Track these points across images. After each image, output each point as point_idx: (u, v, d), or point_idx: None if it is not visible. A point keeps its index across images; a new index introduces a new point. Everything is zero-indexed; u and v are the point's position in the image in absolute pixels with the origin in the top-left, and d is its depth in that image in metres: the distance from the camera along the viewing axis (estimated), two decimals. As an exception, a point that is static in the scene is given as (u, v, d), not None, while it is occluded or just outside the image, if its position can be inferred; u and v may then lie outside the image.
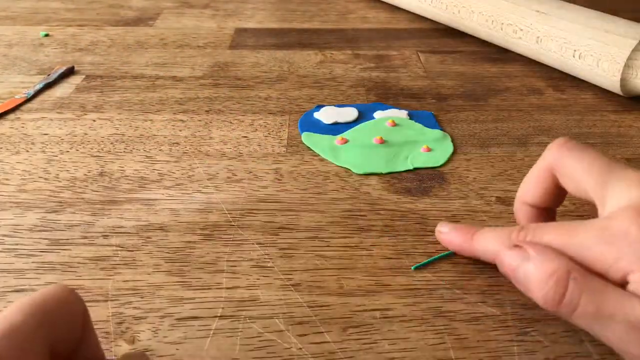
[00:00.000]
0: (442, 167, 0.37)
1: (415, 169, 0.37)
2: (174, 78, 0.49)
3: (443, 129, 0.42)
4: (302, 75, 0.50)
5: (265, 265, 0.29)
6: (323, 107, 0.44)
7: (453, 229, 0.29)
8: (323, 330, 0.26)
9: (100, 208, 0.33)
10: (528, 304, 0.27)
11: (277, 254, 0.30)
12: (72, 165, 0.37)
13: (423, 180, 0.36)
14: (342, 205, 0.34)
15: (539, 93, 0.48)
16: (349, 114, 0.43)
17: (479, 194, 0.35)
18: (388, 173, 0.37)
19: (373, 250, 0.30)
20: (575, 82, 0.49)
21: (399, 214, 0.33)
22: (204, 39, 0.58)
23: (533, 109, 0.45)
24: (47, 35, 0.58)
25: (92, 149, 0.39)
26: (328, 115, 0.43)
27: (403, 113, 0.43)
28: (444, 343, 0.25)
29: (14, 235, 0.31)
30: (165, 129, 0.41)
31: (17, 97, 0.45)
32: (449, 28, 0.60)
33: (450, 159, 0.38)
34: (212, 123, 0.42)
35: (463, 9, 0.55)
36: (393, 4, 0.66)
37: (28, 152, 0.38)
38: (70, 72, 0.50)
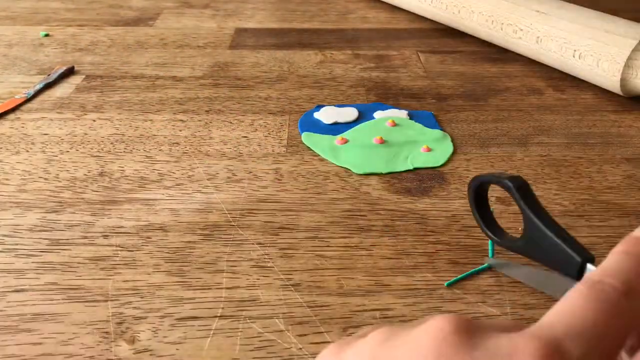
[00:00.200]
0: (442, 167, 0.37)
1: (415, 169, 0.37)
2: (174, 78, 0.49)
3: (443, 129, 0.42)
4: (302, 75, 0.50)
5: (265, 265, 0.29)
6: (323, 107, 0.44)
7: None
8: (323, 330, 0.26)
9: (100, 208, 0.33)
10: (528, 304, 0.27)
11: (277, 254, 0.30)
12: (72, 165, 0.37)
13: (423, 180, 0.36)
14: (342, 205, 0.34)
15: (539, 93, 0.48)
16: (349, 114, 0.43)
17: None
18: (388, 173, 0.37)
19: (373, 250, 0.30)
20: (575, 82, 0.49)
21: (399, 214, 0.33)
22: (204, 39, 0.58)
23: (533, 109, 0.45)
24: (47, 35, 0.58)
25: (92, 149, 0.39)
26: (328, 115, 0.43)
27: (403, 113, 0.43)
28: (444, 343, 0.25)
29: (14, 235, 0.31)
30: (165, 129, 0.41)
31: (17, 97, 0.45)
32: (449, 28, 0.60)
33: (450, 159, 0.38)
34: (212, 123, 0.42)
35: (463, 9, 0.55)
36: (393, 4, 0.66)
37: (28, 152, 0.38)
38: (70, 72, 0.50)
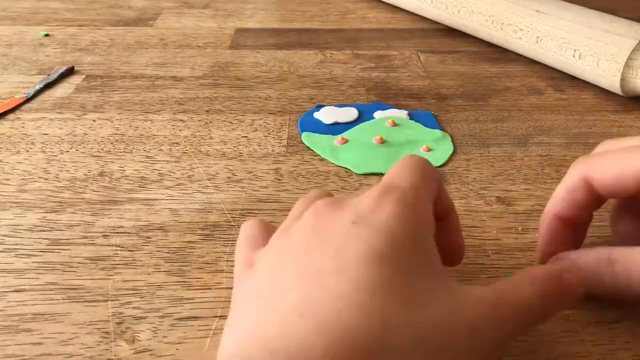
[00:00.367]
0: (442, 167, 0.37)
1: (415, 169, 0.37)
2: (174, 78, 0.49)
3: (443, 129, 0.42)
4: (302, 75, 0.50)
5: (265, 265, 0.29)
6: (323, 107, 0.44)
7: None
8: (323, 330, 0.26)
9: (100, 208, 0.33)
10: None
11: (277, 254, 0.30)
12: (72, 165, 0.37)
13: (423, 180, 0.36)
14: (342, 205, 0.34)
15: (539, 93, 0.48)
16: (349, 114, 0.43)
17: (479, 194, 0.35)
18: (388, 173, 0.37)
19: (373, 250, 0.30)
20: (575, 82, 0.49)
21: (399, 214, 0.33)
22: (204, 39, 0.58)
23: (533, 109, 0.45)
24: (47, 35, 0.58)
25: (92, 149, 0.39)
26: (328, 115, 0.43)
27: (403, 113, 0.43)
28: (444, 343, 0.25)
29: (14, 235, 0.31)
30: (165, 129, 0.41)
31: (17, 97, 0.45)
32: (449, 28, 0.60)
33: (450, 159, 0.38)
34: (212, 123, 0.42)
35: (463, 9, 0.55)
36: (393, 4, 0.66)
37: (28, 152, 0.38)
38: (70, 72, 0.50)
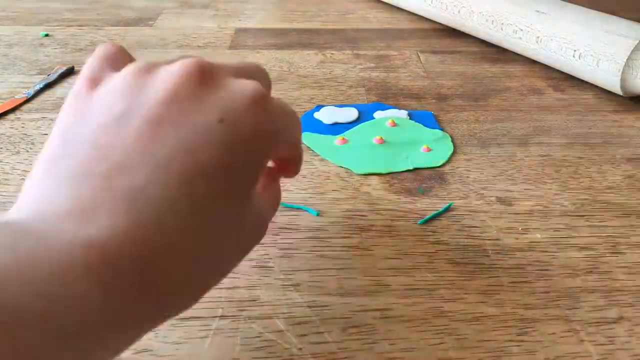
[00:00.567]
0: (442, 167, 0.37)
1: (415, 169, 0.37)
2: (174, 78, 0.49)
3: (443, 129, 0.42)
4: (302, 75, 0.50)
5: (266, 265, 0.29)
6: (323, 107, 0.44)
7: None
8: (323, 330, 0.26)
9: (100, 208, 0.33)
10: (528, 304, 0.27)
11: (277, 254, 0.30)
12: (72, 165, 0.37)
13: (423, 180, 0.36)
14: (342, 205, 0.34)
15: (539, 93, 0.48)
16: (349, 114, 0.43)
17: (479, 194, 0.35)
18: (388, 173, 0.37)
19: (373, 250, 0.30)
20: (575, 82, 0.49)
21: (399, 214, 0.33)
22: (204, 39, 0.58)
23: (533, 109, 0.45)
24: (47, 35, 0.58)
25: (92, 149, 0.39)
26: (328, 116, 0.43)
27: (403, 113, 0.43)
28: (444, 343, 0.25)
29: (14, 235, 0.31)
30: (165, 129, 0.41)
31: (17, 97, 0.45)
32: (449, 28, 0.60)
33: (450, 159, 0.38)
34: (212, 123, 0.42)
35: (463, 9, 0.55)
36: (393, 4, 0.66)
37: (28, 152, 0.38)
38: (70, 72, 0.50)
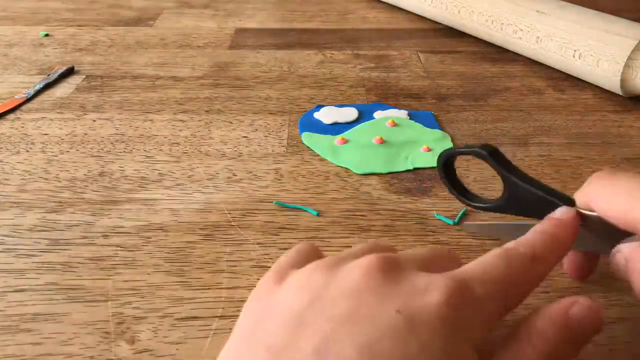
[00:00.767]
0: (442, 167, 0.37)
1: (415, 169, 0.37)
2: (174, 78, 0.49)
3: (443, 129, 0.42)
4: (302, 75, 0.50)
5: (266, 265, 0.29)
6: (323, 107, 0.44)
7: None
8: (323, 330, 0.26)
9: (100, 208, 0.33)
10: (528, 304, 0.27)
11: (277, 254, 0.30)
12: (72, 165, 0.37)
13: (423, 180, 0.36)
14: (342, 205, 0.34)
15: (539, 93, 0.48)
16: (349, 114, 0.43)
17: (479, 194, 0.35)
18: (388, 173, 0.37)
19: (373, 250, 0.30)
20: (575, 82, 0.49)
21: (399, 214, 0.33)
22: (204, 39, 0.58)
23: (533, 109, 0.45)
24: (47, 35, 0.58)
25: (92, 149, 0.39)
26: (328, 115, 0.43)
27: (403, 113, 0.43)
28: (444, 343, 0.25)
29: (14, 235, 0.31)
30: (165, 129, 0.41)
31: (17, 97, 0.45)
32: (449, 28, 0.60)
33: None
34: (212, 123, 0.42)
35: (463, 9, 0.55)
36: (393, 4, 0.66)
37: (28, 152, 0.38)
38: (70, 72, 0.50)
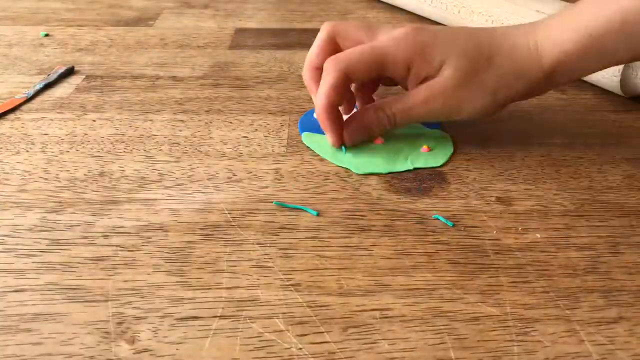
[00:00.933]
0: (442, 167, 0.37)
1: (415, 169, 0.37)
2: (174, 78, 0.49)
3: (443, 129, 0.42)
4: (302, 75, 0.50)
5: (265, 265, 0.29)
6: (323, 107, 0.44)
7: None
8: (323, 330, 0.26)
9: (100, 208, 0.33)
10: (528, 304, 0.27)
11: (277, 254, 0.30)
12: (72, 165, 0.37)
13: (423, 180, 0.36)
14: (342, 205, 0.34)
15: (539, 93, 0.48)
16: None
17: (479, 194, 0.35)
18: (388, 173, 0.37)
19: (373, 250, 0.30)
20: (575, 82, 0.49)
21: (399, 214, 0.33)
22: (204, 39, 0.58)
23: (533, 109, 0.45)
24: (47, 35, 0.58)
25: (92, 149, 0.39)
26: (328, 115, 0.43)
27: (403, 113, 0.43)
28: (444, 343, 0.25)
29: (14, 235, 0.31)
30: (165, 129, 0.41)
31: (17, 97, 0.45)
32: (449, 28, 0.60)
33: (450, 159, 0.38)
34: (212, 123, 0.42)
35: (463, 9, 0.55)
36: (393, 4, 0.66)
37: (28, 152, 0.38)
38: (70, 72, 0.50)
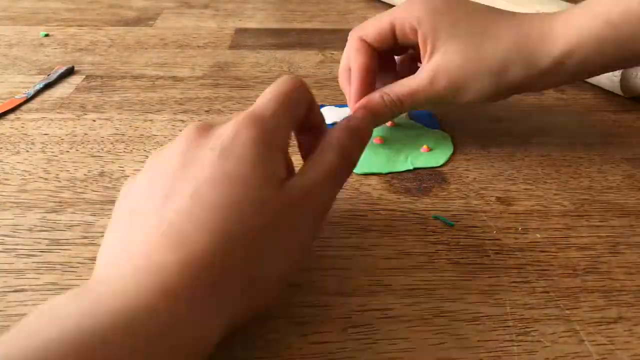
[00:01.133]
0: (442, 167, 0.37)
1: (415, 169, 0.37)
2: (174, 78, 0.49)
3: (443, 129, 0.42)
4: (302, 75, 0.50)
5: (265, 265, 0.29)
6: (323, 107, 0.44)
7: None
8: (323, 330, 0.26)
9: (100, 208, 0.33)
10: (528, 304, 0.27)
11: (277, 254, 0.30)
12: (72, 165, 0.37)
13: (423, 180, 0.36)
14: (342, 205, 0.34)
15: (539, 93, 0.48)
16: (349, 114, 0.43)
17: (479, 194, 0.35)
18: (388, 173, 0.37)
19: (373, 250, 0.30)
20: (575, 82, 0.49)
21: (399, 214, 0.33)
22: (204, 39, 0.58)
23: (533, 109, 0.45)
24: (47, 35, 0.58)
25: (92, 149, 0.39)
26: (328, 115, 0.43)
27: (403, 113, 0.43)
28: (444, 343, 0.25)
29: (14, 235, 0.31)
30: (165, 129, 0.41)
31: (17, 97, 0.45)
32: (449, 28, 0.60)
33: (450, 159, 0.38)
34: (212, 123, 0.42)
35: (463, 9, 0.55)
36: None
37: (28, 152, 0.38)
38: (70, 72, 0.50)
